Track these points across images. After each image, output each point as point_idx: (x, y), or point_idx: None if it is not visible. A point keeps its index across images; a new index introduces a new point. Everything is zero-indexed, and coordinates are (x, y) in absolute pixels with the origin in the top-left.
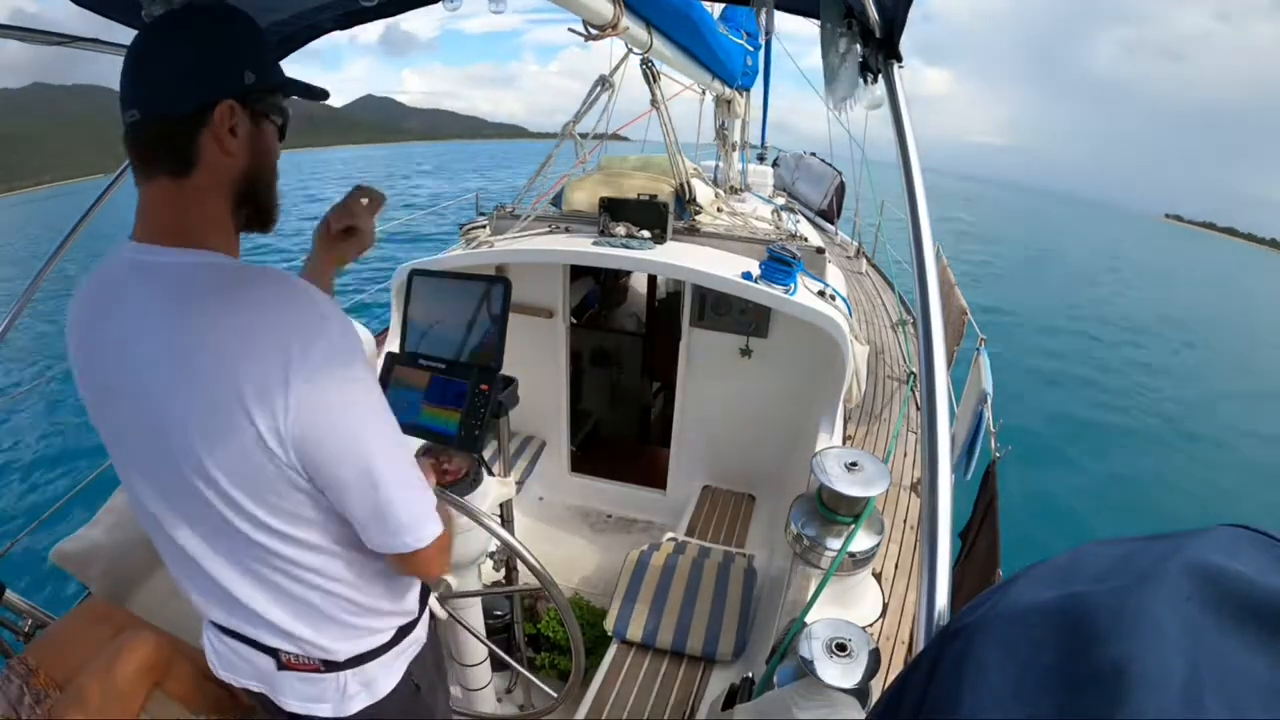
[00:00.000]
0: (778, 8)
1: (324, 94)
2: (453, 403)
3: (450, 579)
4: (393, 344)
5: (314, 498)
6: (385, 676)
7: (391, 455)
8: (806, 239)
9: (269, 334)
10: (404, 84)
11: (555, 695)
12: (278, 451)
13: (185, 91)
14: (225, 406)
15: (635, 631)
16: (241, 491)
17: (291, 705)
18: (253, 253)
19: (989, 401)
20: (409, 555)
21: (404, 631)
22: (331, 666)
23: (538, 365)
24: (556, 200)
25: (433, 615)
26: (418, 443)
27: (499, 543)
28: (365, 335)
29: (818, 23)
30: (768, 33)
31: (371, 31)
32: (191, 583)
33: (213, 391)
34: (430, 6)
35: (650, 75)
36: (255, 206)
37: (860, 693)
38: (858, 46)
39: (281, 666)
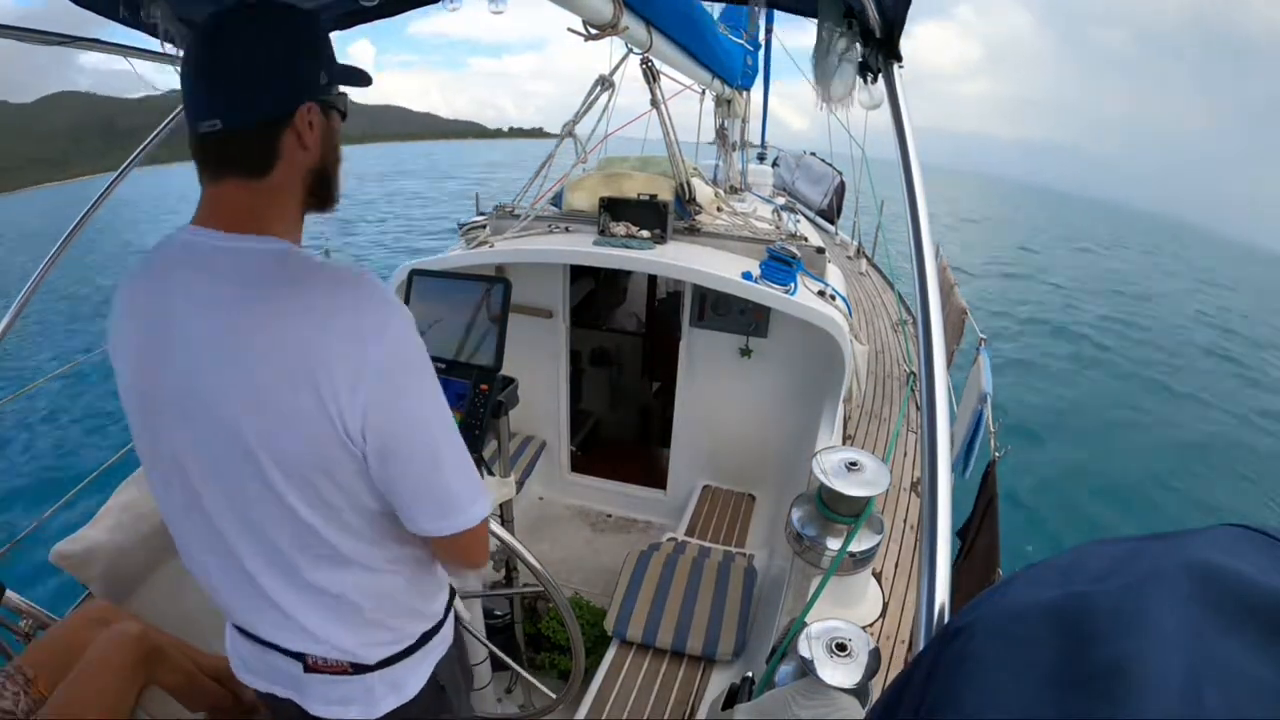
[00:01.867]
0: (777, 7)
1: (367, 80)
2: (452, 403)
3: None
4: None
5: (371, 488)
6: (413, 677)
7: (451, 438)
8: (806, 239)
9: (343, 321)
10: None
11: (555, 695)
12: (350, 436)
13: (271, 100)
14: (297, 389)
15: (635, 631)
16: (301, 477)
17: (318, 709)
18: None
19: (989, 401)
20: (458, 538)
21: (430, 633)
22: (360, 669)
23: (538, 365)
24: (556, 200)
25: (457, 616)
26: None
27: (499, 543)
28: None
29: (816, 21)
30: (768, 32)
31: None
32: (222, 580)
33: (286, 374)
34: (430, 6)
35: (650, 75)
36: (322, 193)
37: (860, 693)
38: (858, 46)
39: (308, 669)
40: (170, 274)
